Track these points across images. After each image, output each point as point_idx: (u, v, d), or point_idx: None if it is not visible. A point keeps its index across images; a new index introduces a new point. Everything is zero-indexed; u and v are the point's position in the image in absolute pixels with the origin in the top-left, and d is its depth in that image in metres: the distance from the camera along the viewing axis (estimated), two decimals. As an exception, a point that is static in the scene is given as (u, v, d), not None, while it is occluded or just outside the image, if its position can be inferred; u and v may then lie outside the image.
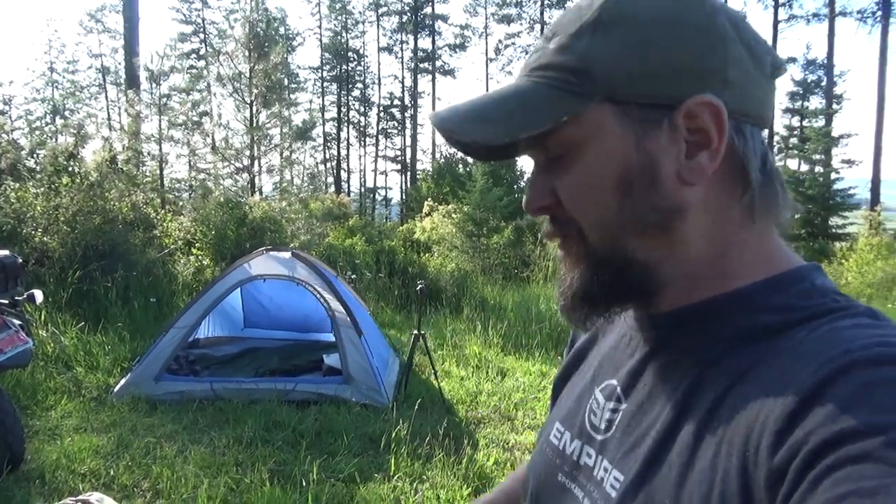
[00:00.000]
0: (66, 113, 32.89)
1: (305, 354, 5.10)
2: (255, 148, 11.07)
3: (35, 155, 8.06)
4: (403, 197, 32.99)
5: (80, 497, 2.27)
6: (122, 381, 4.22)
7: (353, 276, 7.84)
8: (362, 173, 39.39)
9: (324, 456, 3.46)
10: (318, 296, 4.57)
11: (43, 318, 4.84)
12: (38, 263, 5.80)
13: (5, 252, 3.06)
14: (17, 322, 3.11)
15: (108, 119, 32.27)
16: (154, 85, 13.33)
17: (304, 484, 3.10)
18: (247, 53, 11.54)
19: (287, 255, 4.80)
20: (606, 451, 0.63)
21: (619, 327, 0.72)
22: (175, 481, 3.15)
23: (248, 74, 11.62)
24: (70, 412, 3.94)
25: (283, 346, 5.31)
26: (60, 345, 4.61)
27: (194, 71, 26.90)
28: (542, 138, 0.58)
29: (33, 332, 3.37)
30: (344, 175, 37.46)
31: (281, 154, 13.14)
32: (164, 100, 14.19)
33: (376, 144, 38.60)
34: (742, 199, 0.58)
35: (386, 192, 39.73)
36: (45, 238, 5.96)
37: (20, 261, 3.10)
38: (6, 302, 3.09)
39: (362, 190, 38.73)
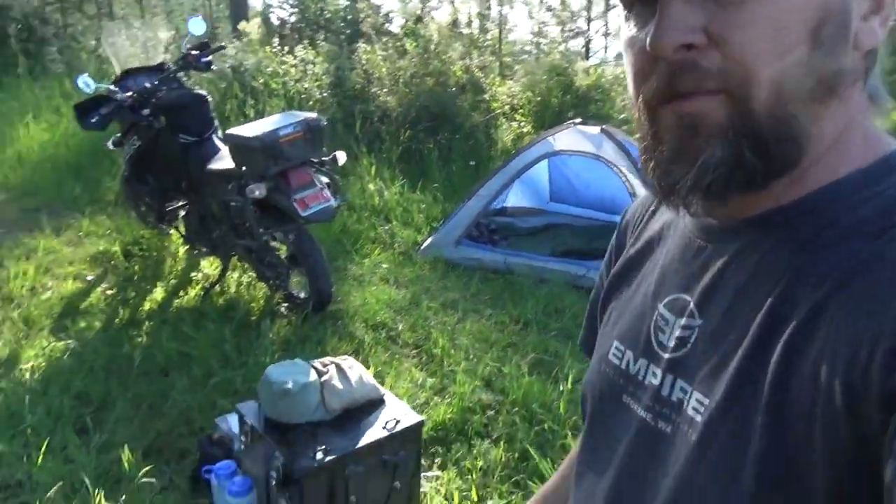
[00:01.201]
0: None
1: (609, 237, 4.78)
2: (592, 9, 10.44)
3: (387, 17, 8.69)
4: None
5: (336, 359, 2.39)
6: (428, 241, 4.46)
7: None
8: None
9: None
10: (623, 178, 4.16)
11: (373, 172, 5.31)
12: (380, 121, 6.35)
13: (312, 115, 3.28)
14: (324, 180, 3.37)
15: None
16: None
17: (563, 384, 2.92)
18: None
19: (596, 130, 4.41)
20: (681, 371, 0.59)
21: (680, 234, 0.66)
22: (447, 350, 3.24)
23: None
24: (381, 262, 4.31)
25: (586, 225, 5.06)
26: (384, 199, 5.03)
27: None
28: None
29: (341, 190, 3.65)
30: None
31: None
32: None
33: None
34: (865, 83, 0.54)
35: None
36: (387, 98, 6.46)
37: (324, 122, 3.29)
38: (315, 161, 3.35)
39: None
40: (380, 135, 6.12)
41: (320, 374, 2.30)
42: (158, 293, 3.80)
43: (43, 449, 2.33)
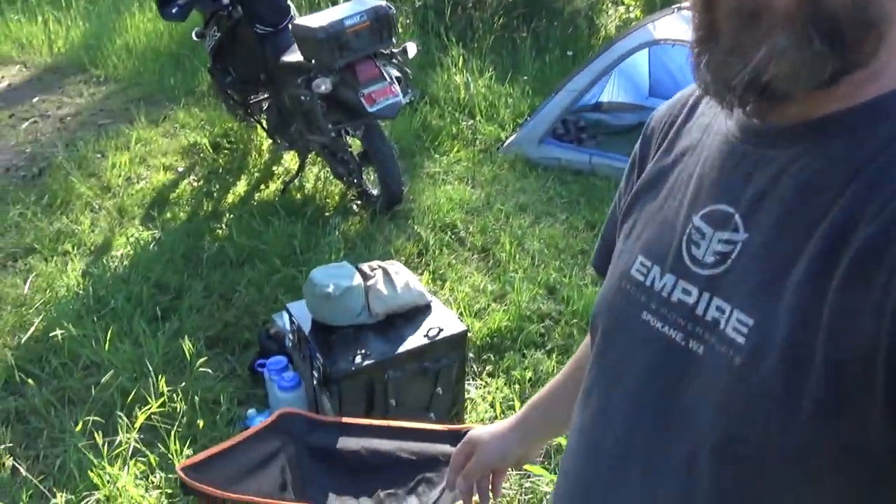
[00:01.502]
0: None
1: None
2: None
3: None
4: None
5: (384, 263, 2.36)
6: (511, 138, 4.27)
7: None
8: None
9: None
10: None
11: (461, 63, 5.08)
12: (473, 7, 6.00)
13: (381, 2, 3.09)
14: (395, 73, 3.23)
15: None
16: None
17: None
18: None
19: (702, 15, 3.93)
20: (719, 289, 0.55)
21: (722, 140, 0.60)
22: (513, 255, 3.14)
23: None
24: (460, 160, 4.18)
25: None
26: (469, 92, 4.83)
27: None
28: None
29: (413, 84, 3.50)
30: None
31: None
32: None
33: None
34: None
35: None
36: (482, -19, 6.06)
37: (393, 10, 3.11)
38: (386, 53, 3.21)
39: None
40: (471, 23, 5.81)
41: (367, 277, 2.28)
42: (241, 186, 3.90)
43: (109, 334, 2.51)
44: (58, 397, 2.30)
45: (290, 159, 4.12)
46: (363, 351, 2.08)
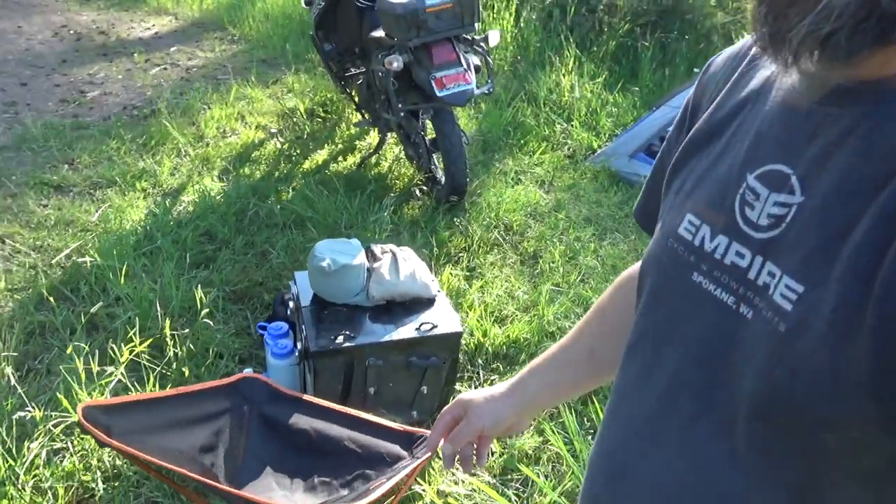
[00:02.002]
0: None
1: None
2: None
3: None
4: None
5: (396, 248, 2.28)
6: (602, 149, 4.04)
7: None
8: None
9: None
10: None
11: (571, 65, 4.87)
12: (604, 10, 5.74)
13: (467, -15, 3.00)
14: (474, 61, 3.13)
15: None
16: None
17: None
18: None
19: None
20: (772, 253, 0.54)
21: (784, 96, 0.57)
22: (559, 266, 2.96)
23: None
24: (542, 162, 4.01)
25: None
26: (573, 95, 4.62)
27: None
28: None
29: (494, 75, 3.37)
30: None
31: None
32: None
33: None
34: None
35: None
36: (617, -16, 5.78)
37: (475, -5, 3.00)
38: (468, 38, 3.11)
39: None
40: (596, 25, 5.55)
41: (375, 258, 2.22)
42: (321, 155, 3.96)
43: (132, 269, 2.60)
44: (80, 322, 2.42)
45: (375, 136, 4.13)
46: (347, 332, 2.02)
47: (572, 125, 4.39)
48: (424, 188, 3.56)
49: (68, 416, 1.93)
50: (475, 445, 0.96)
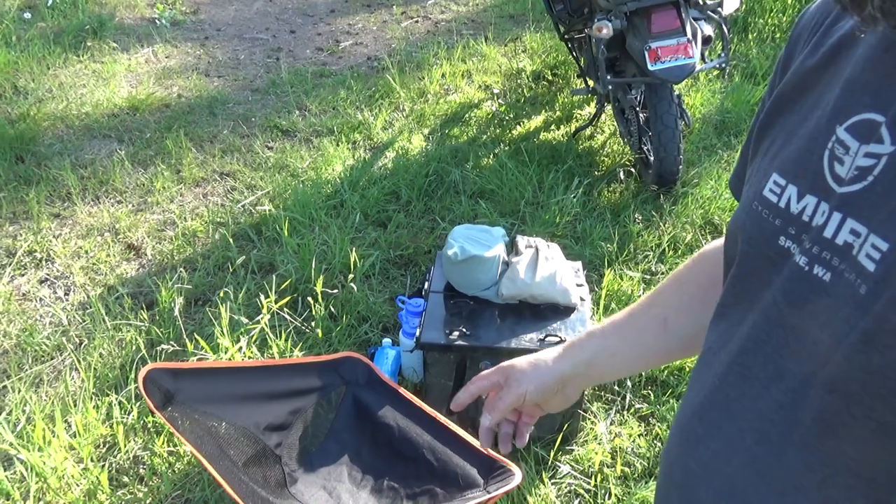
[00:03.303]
0: None
1: None
2: None
3: None
4: None
5: (544, 243, 2.05)
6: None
7: None
8: None
9: None
10: None
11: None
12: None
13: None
14: (706, 32, 2.65)
15: None
16: None
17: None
18: None
19: None
20: (855, 209, 0.50)
21: (877, 38, 0.53)
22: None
23: None
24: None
25: None
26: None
27: None
28: None
29: (728, 48, 2.80)
30: None
31: None
32: None
33: None
34: None
35: None
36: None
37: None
38: (700, 3, 2.63)
39: None
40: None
41: (517, 252, 2.01)
42: (535, 121, 3.76)
43: (289, 223, 2.69)
44: (250, 265, 2.60)
45: (594, 106, 3.80)
46: (464, 328, 1.86)
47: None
48: (632, 171, 3.18)
49: (207, 356, 2.08)
50: (516, 422, 0.89)
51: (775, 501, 0.54)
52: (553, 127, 3.70)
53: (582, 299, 1.96)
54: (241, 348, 2.08)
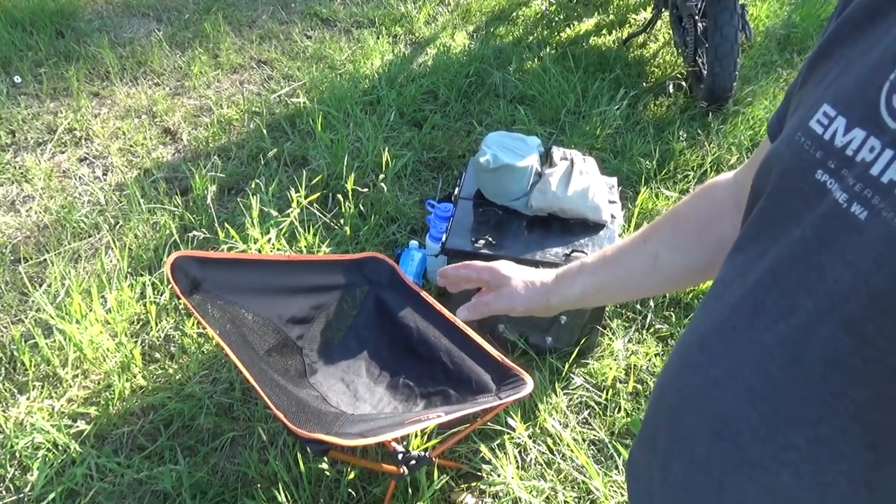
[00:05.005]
0: None
1: None
2: None
3: None
4: None
5: (579, 156, 1.99)
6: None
7: None
8: None
9: None
10: None
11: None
12: None
13: None
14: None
15: None
16: None
17: None
18: None
19: None
20: None
21: None
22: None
23: None
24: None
25: None
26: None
27: None
28: None
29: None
30: None
31: None
32: None
33: None
34: None
35: None
36: None
37: None
38: None
39: None
40: None
41: (551, 163, 1.96)
42: (586, 24, 3.58)
43: (325, 120, 2.64)
44: (282, 156, 2.59)
45: (650, 11, 3.58)
46: (490, 237, 1.85)
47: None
48: (682, 84, 3.04)
49: (237, 244, 2.11)
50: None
51: (766, 432, 0.54)
52: (604, 31, 3.51)
53: (613, 216, 1.93)
54: (269, 240, 2.11)
